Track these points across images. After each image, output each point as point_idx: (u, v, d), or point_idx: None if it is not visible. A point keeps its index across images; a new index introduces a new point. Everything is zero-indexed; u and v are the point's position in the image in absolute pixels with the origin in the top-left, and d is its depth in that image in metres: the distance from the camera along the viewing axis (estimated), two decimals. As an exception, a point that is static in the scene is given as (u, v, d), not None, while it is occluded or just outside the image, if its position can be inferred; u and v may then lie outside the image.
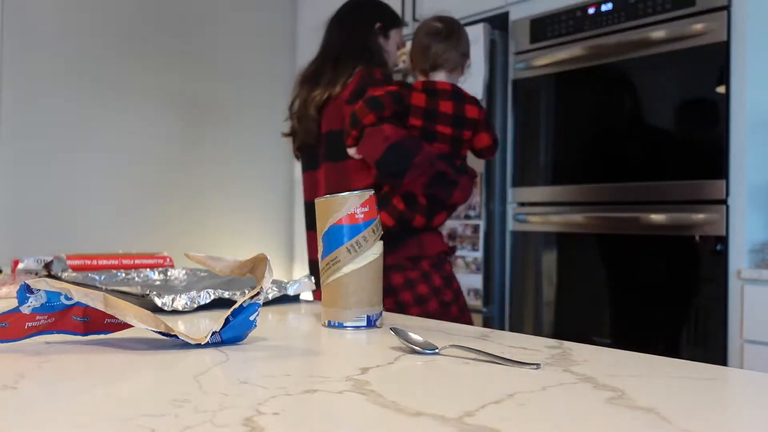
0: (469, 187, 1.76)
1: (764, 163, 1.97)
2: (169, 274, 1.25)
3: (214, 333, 0.71)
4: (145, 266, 1.38)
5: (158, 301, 0.94)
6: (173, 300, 0.95)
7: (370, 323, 0.86)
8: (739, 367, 1.79)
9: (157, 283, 1.18)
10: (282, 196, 3.66)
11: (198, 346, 0.70)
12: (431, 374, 0.60)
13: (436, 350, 0.68)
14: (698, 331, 1.97)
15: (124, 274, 1.22)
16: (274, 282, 1.09)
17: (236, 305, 0.71)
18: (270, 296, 1.06)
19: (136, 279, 1.21)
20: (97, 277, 1.17)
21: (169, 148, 3.27)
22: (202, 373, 0.58)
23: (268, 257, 0.76)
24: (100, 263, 1.35)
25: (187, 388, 0.53)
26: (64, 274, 1.21)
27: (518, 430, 0.44)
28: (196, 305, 0.97)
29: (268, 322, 0.90)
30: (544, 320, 2.38)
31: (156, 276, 1.24)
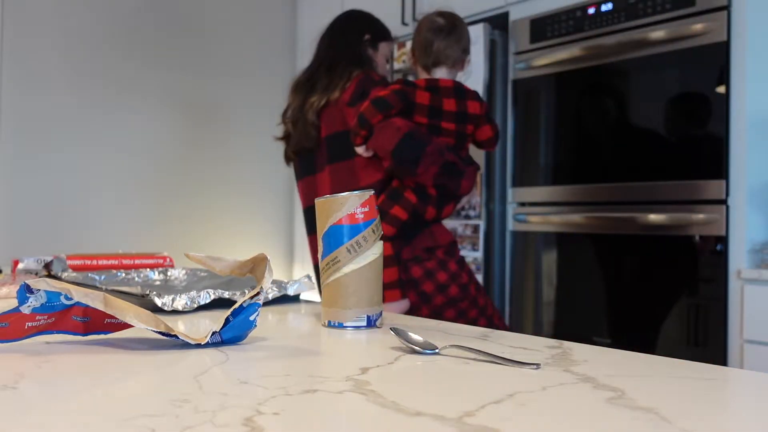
0: (474, 178, 1.80)
1: (764, 163, 1.97)
2: (169, 274, 1.25)
3: (214, 333, 0.71)
4: (145, 266, 1.38)
5: (158, 301, 0.94)
6: (173, 300, 0.95)
7: (370, 323, 0.86)
8: (739, 367, 1.79)
9: (157, 283, 1.18)
10: (282, 196, 3.66)
11: (198, 346, 0.70)
12: (431, 374, 0.60)
13: (436, 350, 0.68)
14: (698, 331, 1.97)
15: (124, 274, 1.22)
16: (274, 282, 1.09)
17: (236, 305, 0.71)
18: (270, 296, 1.06)
19: (136, 279, 1.21)
20: (97, 277, 1.17)
21: (170, 148, 3.27)
22: (202, 373, 0.58)
23: (268, 257, 0.76)
24: (100, 263, 1.35)
25: (187, 388, 0.53)
26: (64, 274, 1.21)
27: (518, 430, 0.44)
28: (196, 305, 0.97)
29: (268, 322, 0.90)
30: (544, 320, 2.38)
31: (156, 276, 1.24)
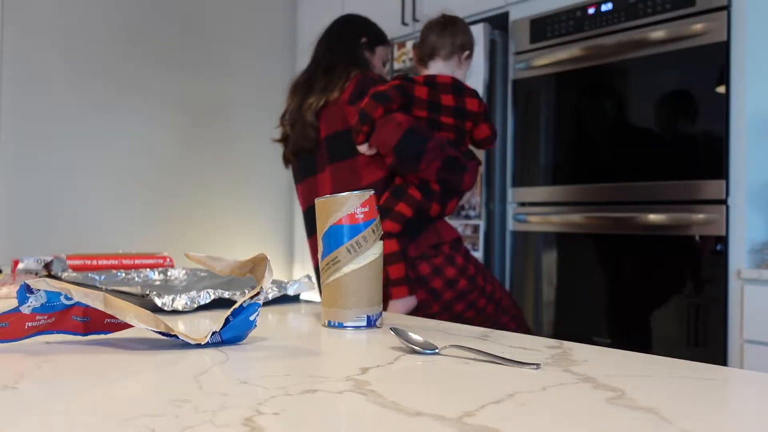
0: (476, 173, 1.80)
1: (764, 163, 1.97)
2: (169, 274, 1.25)
3: (214, 333, 0.71)
4: (145, 266, 1.38)
5: (158, 301, 0.94)
6: (173, 300, 0.95)
7: (370, 323, 0.86)
8: (739, 367, 1.79)
9: (157, 283, 1.18)
10: (282, 196, 3.66)
11: (198, 346, 0.70)
12: (431, 374, 0.60)
13: (436, 350, 0.68)
14: (698, 331, 1.97)
15: (124, 274, 1.22)
16: (274, 282, 1.09)
17: (236, 305, 0.71)
18: (270, 296, 1.06)
19: (136, 279, 1.21)
20: (97, 277, 1.17)
21: (170, 148, 3.27)
22: (202, 373, 0.58)
23: (268, 257, 0.76)
24: (100, 263, 1.35)
25: (187, 388, 0.53)
26: (64, 274, 1.21)
27: (518, 430, 0.44)
28: (196, 305, 0.97)
29: (268, 322, 0.90)
30: (544, 320, 2.38)
31: (156, 276, 1.24)
